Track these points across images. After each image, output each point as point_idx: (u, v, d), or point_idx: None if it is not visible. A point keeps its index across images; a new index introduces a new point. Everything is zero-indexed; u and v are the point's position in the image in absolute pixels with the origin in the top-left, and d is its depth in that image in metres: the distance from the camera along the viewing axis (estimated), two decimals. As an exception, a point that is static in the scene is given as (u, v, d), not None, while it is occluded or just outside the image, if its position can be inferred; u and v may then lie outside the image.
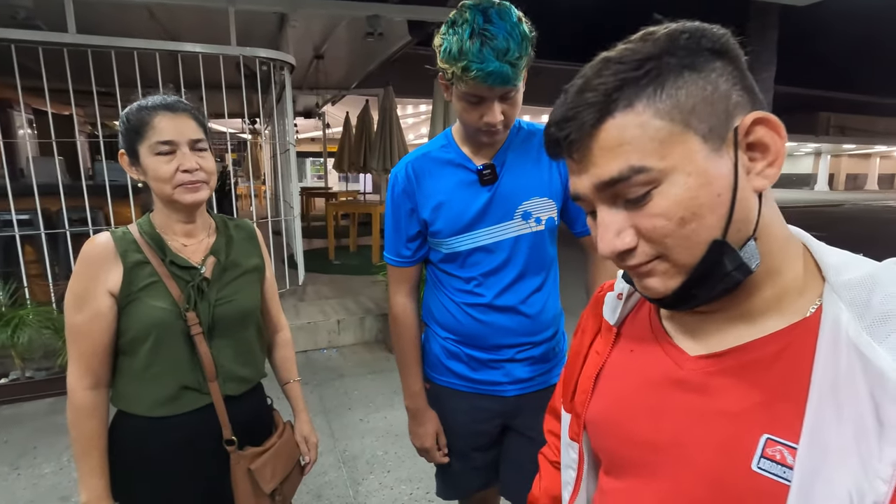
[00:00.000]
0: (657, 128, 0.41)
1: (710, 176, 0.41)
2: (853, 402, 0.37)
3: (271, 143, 7.03)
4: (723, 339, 0.46)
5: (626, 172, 0.41)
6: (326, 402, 2.95)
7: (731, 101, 0.42)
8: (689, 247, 0.42)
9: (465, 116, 0.99)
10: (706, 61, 0.42)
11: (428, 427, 1.20)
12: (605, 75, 0.42)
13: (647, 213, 0.42)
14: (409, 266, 1.17)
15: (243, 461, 0.98)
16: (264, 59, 3.86)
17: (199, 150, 0.94)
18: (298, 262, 4.52)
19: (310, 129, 11.90)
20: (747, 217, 0.42)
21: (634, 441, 0.50)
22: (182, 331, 0.93)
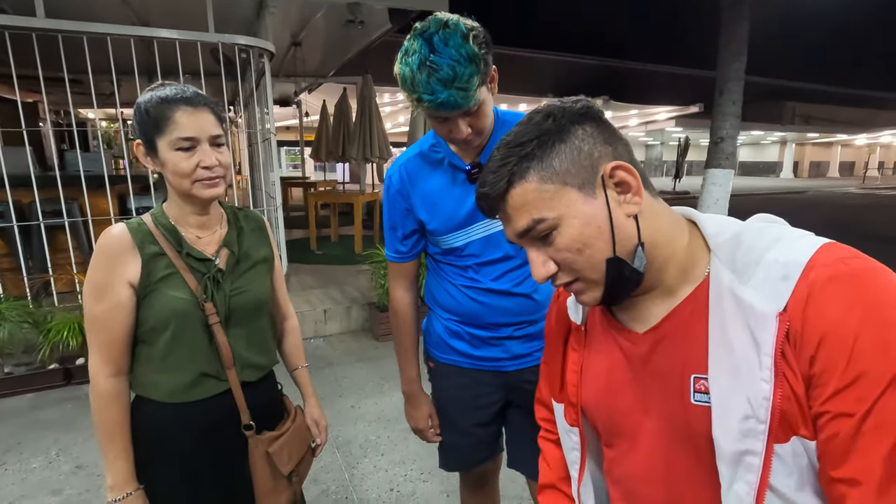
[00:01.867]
0: (545, 189, 0.56)
1: (589, 216, 0.55)
2: (737, 334, 0.51)
3: (248, 132, 6.90)
4: (657, 313, 0.60)
5: (531, 224, 0.57)
6: (317, 390, 2.95)
7: (594, 157, 0.56)
8: (592, 267, 0.56)
9: (437, 131, 1.04)
10: (570, 133, 0.56)
11: (422, 410, 1.29)
12: (507, 158, 0.57)
13: (555, 248, 0.57)
14: (406, 261, 1.24)
15: (261, 445, 1.02)
16: (244, 46, 3.78)
17: (217, 146, 0.96)
18: (281, 252, 4.49)
19: (286, 117, 11.68)
20: (627, 235, 0.56)
21: (621, 412, 0.64)
22: (201, 321, 0.95)
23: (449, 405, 1.30)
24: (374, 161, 6.24)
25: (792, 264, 0.49)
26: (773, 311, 0.49)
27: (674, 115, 13.90)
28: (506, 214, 0.59)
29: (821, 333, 0.46)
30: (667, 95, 13.47)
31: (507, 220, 0.59)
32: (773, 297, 0.49)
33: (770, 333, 0.48)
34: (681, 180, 17.99)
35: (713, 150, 5.08)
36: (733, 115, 4.94)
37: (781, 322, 0.48)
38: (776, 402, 0.48)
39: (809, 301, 0.47)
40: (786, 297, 0.48)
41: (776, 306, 0.49)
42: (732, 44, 4.85)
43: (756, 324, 0.50)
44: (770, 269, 0.50)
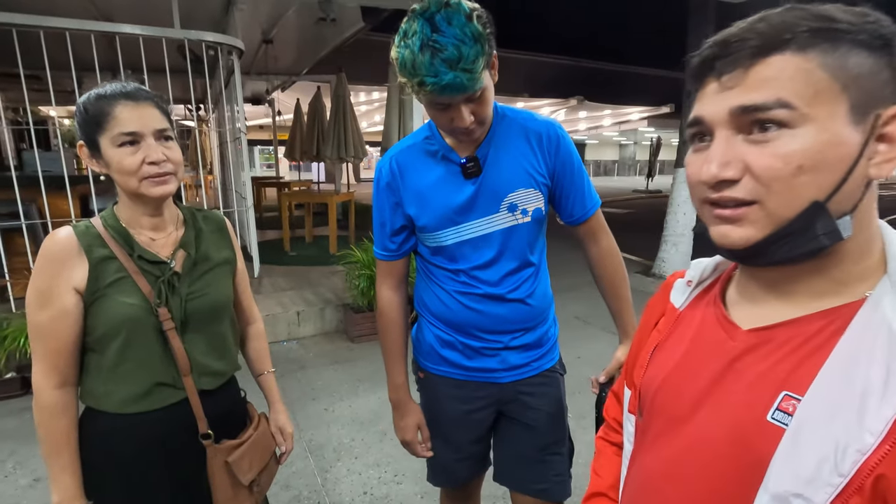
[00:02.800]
0: (818, 78, 0.43)
1: (841, 141, 0.43)
2: (867, 371, 0.41)
3: (218, 131, 6.75)
4: (775, 315, 0.50)
5: (772, 103, 0.43)
6: (290, 394, 2.93)
7: (885, 90, 0.44)
8: (792, 199, 0.44)
9: (436, 121, 0.98)
10: (878, 48, 0.44)
11: (409, 420, 1.21)
12: (790, 17, 0.44)
13: (768, 150, 0.44)
14: (394, 259, 1.17)
15: (220, 454, 0.99)
16: (211, 43, 3.69)
17: (164, 140, 0.92)
18: (253, 254, 4.40)
19: (258, 116, 11.46)
20: (852, 194, 0.44)
21: (679, 397, 0.55)
22: (154, 326, 0.92)
23: (441, 419, 1.22)
24: (349, 161, 6.18)
25: None
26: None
27: (646, 116, 14.18)
28: (740, 79, 0.45)
29: None
30: (639, 96, 13.73)
31: (733, 87, 0.45)
32: None
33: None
34: (653, 179, 18.39)
35: (683, 150, 5.19)
36: (701, 116, 5.05)
37: None
38: (871, 463, 0.39)
39: None
40: None
41: None
42: (699, 46, 4.97)
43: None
44: None
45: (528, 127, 1.08)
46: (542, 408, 1.19)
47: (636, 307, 1.00)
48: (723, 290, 0.59)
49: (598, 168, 31.75)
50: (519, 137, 1.08)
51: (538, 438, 1.19)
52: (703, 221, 0.51)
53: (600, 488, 0.74)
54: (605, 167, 32.21)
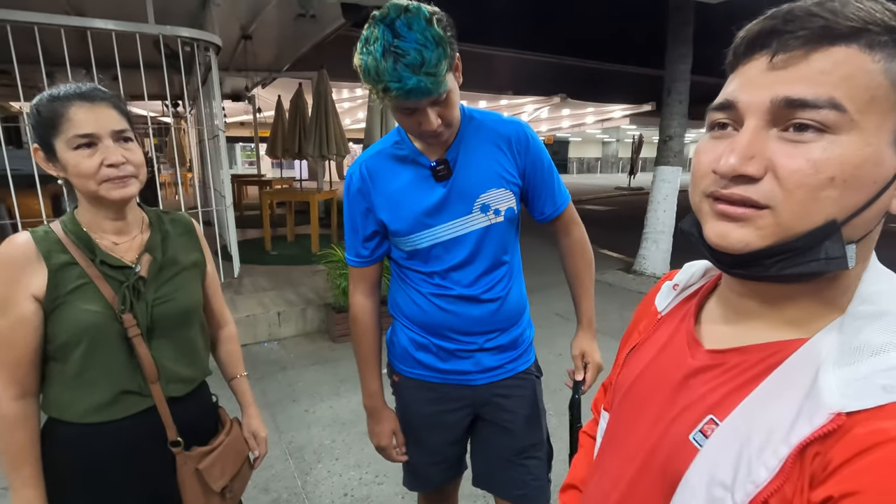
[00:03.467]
0: (879, 83, 0.38)
1: (880, 160, 0.38)
2: (781, 408, 0.40)
3: (197, 128, 6.63)
4: (737, 339, 0.48)
5: (823, 102, 0.38)
6: (270, 396, 2.90)
7: None
8: (810, 212, 0.39)
9: (403, 125, 0.98)
10: None
11: (385, 426, 1.21)
12: (867, 5, 0.38)
13: (801, 152, 0.38)
14: (367, 265, 1.16)
15: (190, 462, 0.97)
16: (187, 38, 3.62)
17: (123, 142, 0.89)
18: (233, 253, 4.34)
19: (239, 112, 11.28)
20: (868, 223, 0.40)
21: (638, 403, 0.56)
22: (118, 333, 0.89)
23: (415, 422, 1.22)
24: (332, 158, 6.13)
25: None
26: (835, 409, 0.37)
27: (628, 114, 14.32)
28: (794, 65, 0.39)
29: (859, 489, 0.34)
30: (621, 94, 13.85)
31: (783, 73, 0.39)
32: (852, 396, 0.37)
33: (810, 426, 0.38)
34: (636, 176, 18.61)
35: (662, 148, 5.27)
36: (680, 115, 5.14)
37: (831, 422, 0.37)
38: (761, 497, 0.39)
39: (886, 445, 0.34)
40: (865, 406, 0.36)
41: (843, 405, 0.37)
42: (679, 45, 5.04)
43: (807, 411, 0.38)
44: (882, 370, 0.37)
45: (497, 128, 1.09)
46: (518, 410, 1.19)
47: (616, 303, 1.01)
48: (702, 301, 0.58)
49: (582, 165, 32.01)
50: (488, 139, 1.08)
51: (515, 441, 1.20)
52: (697, 217, 0.47)
53: (573, 480, 0.74)
54: (588, 164, 32.48)
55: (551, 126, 16.61)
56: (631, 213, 4.10)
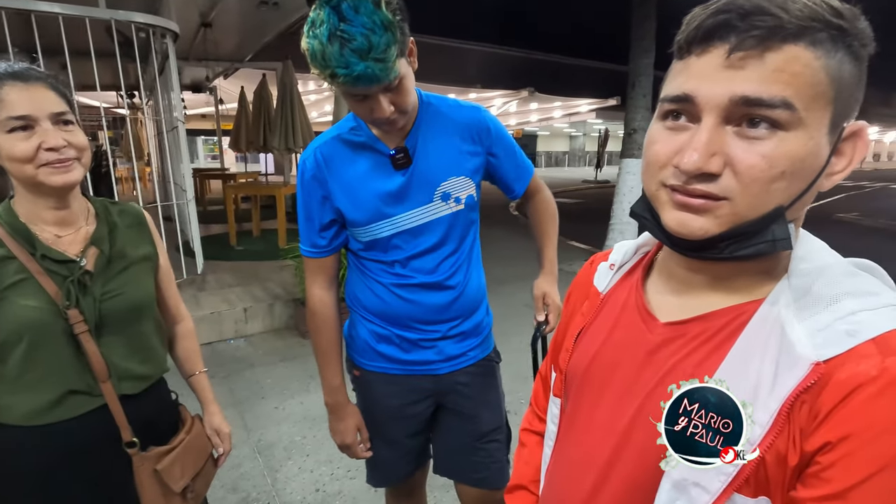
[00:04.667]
0: (819, 80, 0.40)
1: (819, 151, 0.42)
2: (758, 366, 0.43)
3: (155, 120, 6.37)
4: (693, 308, 0.50)
5: (777, 101, 0.40)
6: (237, 394, 2.83)
7: (854, 104, 0.43)
8: (762, 202, 0.42)
9: (356, 112, 0.96)
10: (861, 61, 0.42)
11: (349, 422, 1.17)
12: (815, 3, 0.40)
13: (756, 148, 0.41)
14: (325, 256, 1.13)
15: (147, 463, 0.93)
16: (142, 24, 3.46)
17: (64, 125, 0.84)
18: (196, 249, 4.20)
19: (200, 104, 10.88)
20: (807, 202, 0.45)
21: (601, 385, 0.56)
22: (63, 330, 0.84)
23: (378, 417, 1.20)
24: (298, 151, 6.00)
25: (868, 325, 0.40)
26: (812, 359, 0.40)
27: (594, 108, 14.55)
28: (752, 64, 0.40)
29: (852, 431, 0.37)
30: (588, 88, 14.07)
31: (742, 71, 0.41)
32: (822, 345, 0.40)
33: (794, 378, 0.40)
34: (602, 170, 18.98)
35: (627, 141, 5.39)
36: (644, 108, 5.26)
37: (813, 373, 0.39)
38: (760, 451, 0.41)
39: (867, 386, 0.38)
40: (837, 352, 0.40)
41: (819, 355, 0.40)
42: (642, 40, 5.15)
43: (785, 364, 0.41)
44: (840, 317, 0.41)
45: (455, 115, 1.08)
46: (479, 396, 1.20)
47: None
48: (644, 275, 0.59)
49: (550, 159, 32.41)
50: (446, 125, 1.07)
51: (476, 427, 1.21)
52: (653, 203, 0.48)
53: (521, 481, 0.74)
54: (556, 158, 32.92)
55: (520, 120, 16.73)
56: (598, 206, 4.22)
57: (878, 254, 0.47)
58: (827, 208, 11.76)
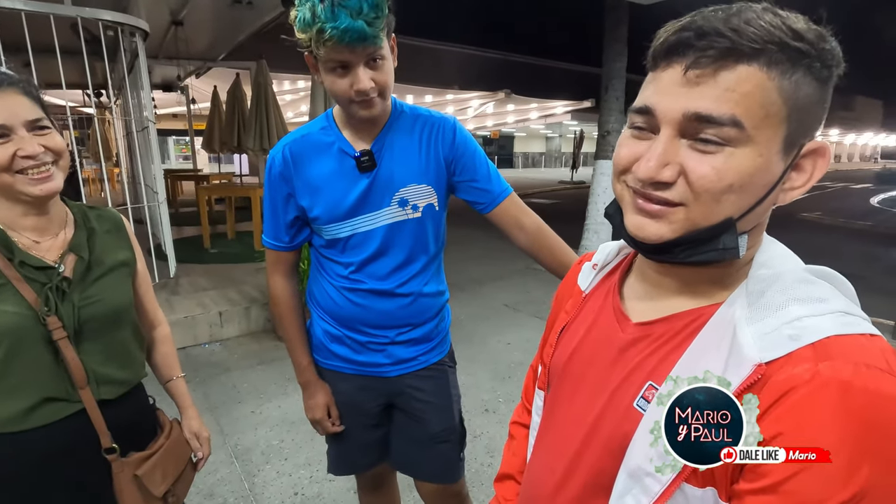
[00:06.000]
0: (773, 101, 0.43)
1: (769, 168, 0.44)
2: (709, 365, 0.46)
3: (124, 119, 6.19)
4: (661, 308, 0.54)
5: (726, 119, 0.42)
6: (213, 399, 2.78)
7: (815, 123, 0.46)
8: (713, 211, 0.45)
9: (335, 89, 0.97)
10: (824, 80, 0.44)
11: (318, 399, 1.22)
12: (767, 23, 0.42)
13: (708, 161, 0.44)
14: (287, 251, 1.16)
15: (127, 468, 0.92)
16: (109, 22, 3.37)
17: (39, 130, 0.82)
18: (168, 252, 4.11)
19: (171, 104, 10.62)
20: (759, 216, 0.47)
21: (577, 379, 0.60)
22: (42, 337, 0.83)
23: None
24: (273, 152, 5.92)
25: (811, 331, 0.42)
26: (756, 360, 0.43)
27: (569, 110, 14.76)
28: (705, 81, 0.43)
29: (784, 430, 0.40)
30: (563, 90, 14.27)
31: (695, 87, 0.44)
32: (766, 348, 0.43)
33: (738, 378, 0.43)
34: (578, 170, 19.26)
35: (601, 143, 5.49)
36: (617, 111, 5.37)
37: (754, 373, 0.42)
38: None
39: (799, 389, 0.40)
40: (778, 355, 0.42)
41: (762, 357, 0.43)
42: (615, 44, 5.26)
43: (733, 364, 0.44)
44: (786, 322, 0.44)
45: (423, 123, 1.10)
46: (430, 400, 1.23)
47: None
48: (622, 277, 0.63)
49: (527, 160, 32.73)
50: (413, 133, 1.09)
51: (427, 428, 1.24)
52: (620, 203, 0.52)
53: (509, 470, 0.77)
54: (532, 159, 33.26)
55: (497, 121, 16.85)
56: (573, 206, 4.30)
57: (837, 251, 0.52)
58: (791, 208, 12.20)
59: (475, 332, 3.71)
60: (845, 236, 8.28)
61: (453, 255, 1.13)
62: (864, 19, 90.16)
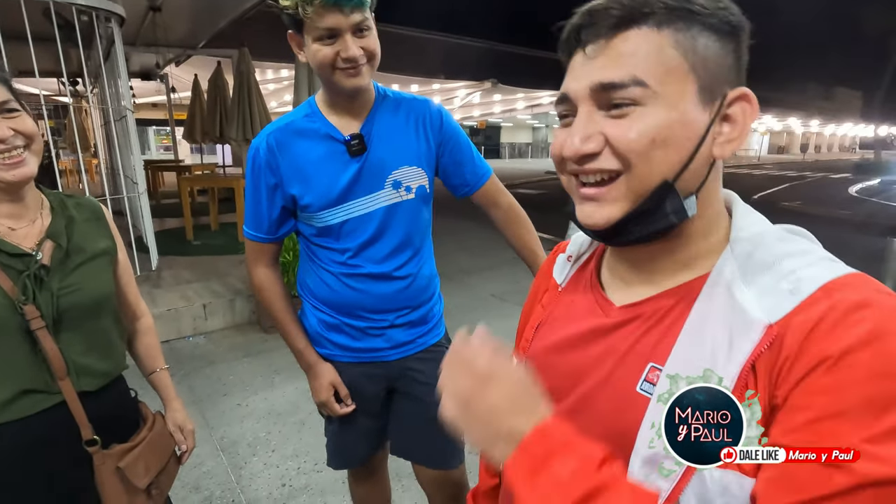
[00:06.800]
0: (670, 56, 0.45)
1: (688, 120, 0.46)
2: (714, 333, 0.45)
3: (101, 109, 6.03)
4: (645, 291, 0.53)
5: (628, 80, 0.45)
6: (198, 392, 2.76)
7: (729, 74, 0.47)
8: (648, 173, 0.46)
9: (320, 58, 0.96)
10: (725, 33, 0.47)
11: (322, 380, 1.18)
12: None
13: (624, 125, 0.46)
14: (271, 242, 1.14)
15: (109, 461, 0.91)
16: (83, 7, 3.26)
17: (8, 113, 0.80)
18: (150, 244, 4.04)
19: (150, 93, 10.35)
20: (698, 173, 0.48)
21: (561, 373, 0.57)
22: (19, 326, 0.81)
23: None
24: (257, 142, 5.83)
25: (808, 280, 0.43)
26: (765, 321, 0.43)
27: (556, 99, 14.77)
28: (600, 53, 0.47)
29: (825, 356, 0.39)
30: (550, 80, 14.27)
31: (594, 62, 0.47)
32: (771, 307, 0.43)
33: (750, 342, 0.43)
34: (564, 161, 19.30)
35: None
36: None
37: (767, 334, 0.42)
38: None
39: (824, 321, 0.40)
40: (786, 311, 0.42)
41: (770, 317, 0.43)
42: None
43: (739, 328, 0.44)
44: (782, 277, 0.44)
45: (410, 106, 1.11)
46: (431, 381, 1.21)
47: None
48: (598, 266, 0.62)
49: (514, 150, 32.74)
50: (400, 116, 1.10)
51: (428, 410, 1.23)
52: (571, 195, 0.53)
53: (484, 488, 0.74)
54: (519, 149, 33.28)
55: (483, 111, 16.80)
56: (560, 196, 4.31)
57: (817, 239, 0.51)
58: (773, 197, 12.42)
59: (462, 322, 3.72)
60: (824, 225, 8.46)
61: (442, 244, 1.13)
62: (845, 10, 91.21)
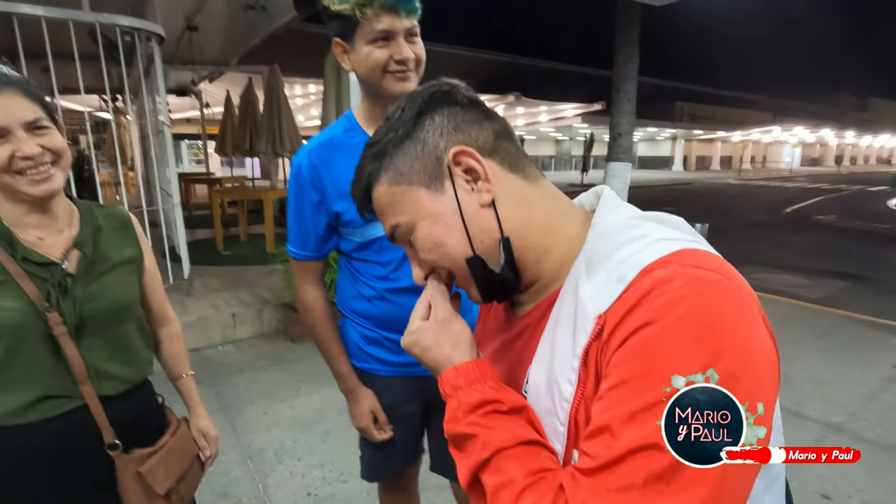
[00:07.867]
0: (393, 193, 0.54)
1: (437, 213, 0.53)
2: (563, 330, 0.48)
3: (139, 123, 6.29)
4: (532, 300, 0.58)
5: (390, 229, 0.56)
6: (225, 399, 2.80)
7: (440, 147, 0.52)
8: (454, 265, 0.54)
9: (374, 60, 0.97)
10: (416, 125, 0.53)
11: (362, 406, 1.18)
12: (364, 159, 0.56)
13: (416, 250, 0.56)
14: (316, 260, 1.14)
15: (131, 465, 0.92)
16: (127, 28, 3.42)
17: (38, 130, 0.82)
18: (182, 254, 4.16)
19: (184, 108, 10.77)
20: (484, 227, 0.52)
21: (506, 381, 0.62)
22: (42, 333, 0.83)
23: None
24: (285, 155, 5.97)
25: (633, 265, 0.44)
26: (596, 312, 0.45)
27: (580, 112, 14.73)
28: (378, 216, 0.58)
29: (628, 334, 0.41)
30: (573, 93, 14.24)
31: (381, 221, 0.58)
32: (603, 297, 0.45)
33: (586, 334, 0.45)
34: (588, 173, 19.17)
35: (613, 145, 5.46)
36: (629, 113, 5.34)
37: (597, 324, 0.44)
38: (574, 406, 0.46)
39: (634, 302, 0.42)
40: (612, 300, 0.44)
41: (600, 307, 0.45)
42: (626, 46, 5.23)
43: (580, 322, 0.46)
44: (614, 267, 0.46)
45: None
46: None
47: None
48: None
49: (537, 163, 32.08)
50: None
51: None
52: None
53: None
54: (542, 162, 33.17)
55: (506, 124, 16.82)
56: (584, 209, 4.33)
57: (849, 253, 0.49)
58: (807, 210, 12.03)
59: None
60: (860, 240, 8.14)
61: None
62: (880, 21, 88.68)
